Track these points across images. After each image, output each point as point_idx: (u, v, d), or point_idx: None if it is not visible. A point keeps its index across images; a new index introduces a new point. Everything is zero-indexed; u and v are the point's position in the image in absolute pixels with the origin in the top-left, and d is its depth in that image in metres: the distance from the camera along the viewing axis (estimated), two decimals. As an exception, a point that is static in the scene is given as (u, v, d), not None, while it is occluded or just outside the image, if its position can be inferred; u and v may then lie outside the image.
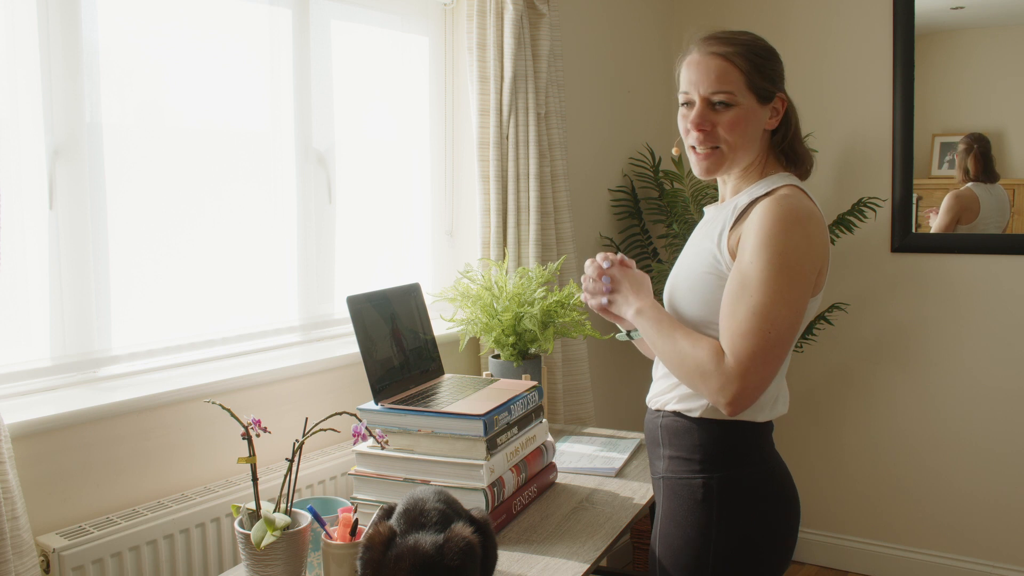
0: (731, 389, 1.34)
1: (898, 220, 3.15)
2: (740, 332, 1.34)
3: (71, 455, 1.54)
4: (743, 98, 1.45)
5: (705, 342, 1.39)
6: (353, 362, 2.03)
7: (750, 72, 1.44)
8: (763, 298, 1.33)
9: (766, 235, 1.35)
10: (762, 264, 1.34)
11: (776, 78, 1.49)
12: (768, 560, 1.47)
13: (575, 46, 2.88)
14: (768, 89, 1.46)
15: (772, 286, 1.33)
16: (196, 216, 1.91)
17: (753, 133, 1.47)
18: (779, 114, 1.49)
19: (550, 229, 2.53)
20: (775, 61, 1.49)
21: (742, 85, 1.44)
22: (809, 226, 1.38)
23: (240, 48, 1.98)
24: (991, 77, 3.01)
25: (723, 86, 1.44)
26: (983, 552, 3.12)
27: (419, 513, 1.33)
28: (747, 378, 1.33)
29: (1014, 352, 3.03)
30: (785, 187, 1.44)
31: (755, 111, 1.46)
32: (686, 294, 1.48)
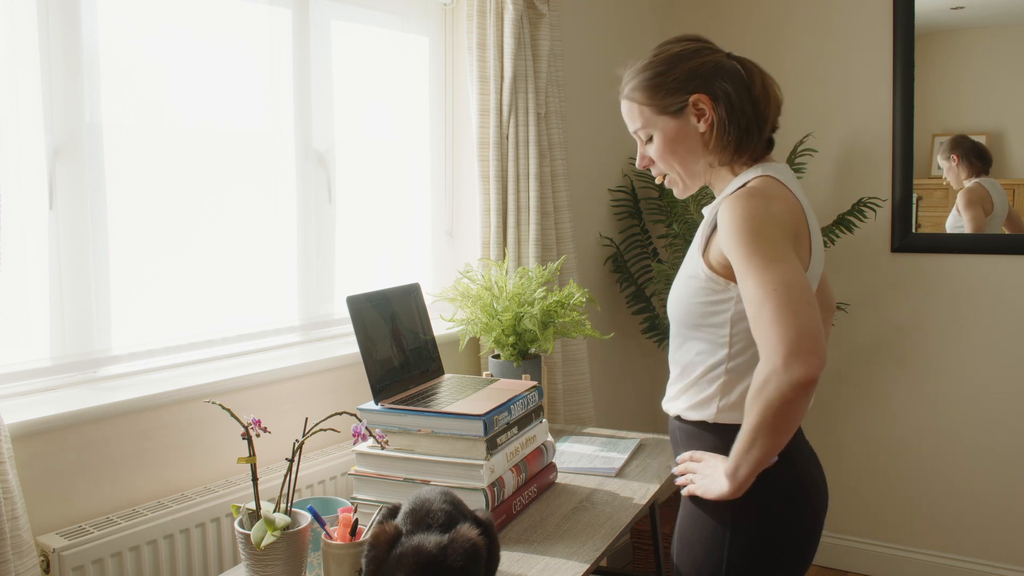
0: (790, 366, 1.23)
1: (898, 220, 3.15)
2: (755, 318, 1.29)
3: (71, 455, 1.54)
4: (656, 125, 1.47)
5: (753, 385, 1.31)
6: (353, 362, 2.03)
7: (649, 100, 1.47)
8: (756, 275, 1.30)
9: (734, 226, 1.34)
10: (741, 250, 1.32)
11: (683, 85, 1.45)
12: (783, 561, 1.44)
13: (575, 46, 2.88)
14: (674, 103, 1.45)
15: (755, 260, 1.30)
16: (196, 216, 1.91)
17: (688, 146, 1.47)
18: (705, 114, 1.45)
19: (550, 229, 2.53)
20: (677, 68, 1.45)
21: (649, 114, 1.48)
22: (765, 198, 1.37)
23: (240, 48, 1.98)
24: (991, 77, 3.01)
25: (635, 124, 1.51)
26: (983, 552, 3.12)
27: (425, 513, 1.33)
28: (790, 341, 1.24)
29: (1014, 352, 3.03)
30: (753, 179, 1.42)
31: (676, 128, 1.46)
32: (674, 297, 1.49)
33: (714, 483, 1.40)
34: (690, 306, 1.45)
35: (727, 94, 1.44)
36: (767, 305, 1.27)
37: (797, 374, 1.23)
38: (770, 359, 1.25)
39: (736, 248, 1.33)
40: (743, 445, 1.32)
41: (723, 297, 1.41)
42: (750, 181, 1.42)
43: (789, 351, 1.23)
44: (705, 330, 1.44)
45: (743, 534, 1.41)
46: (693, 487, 1.44)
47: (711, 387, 1.45)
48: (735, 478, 1.35)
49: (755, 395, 1.28)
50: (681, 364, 1.50)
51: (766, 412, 1.27)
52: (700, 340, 1.45)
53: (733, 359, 1.42)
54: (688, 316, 1.45)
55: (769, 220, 1.33)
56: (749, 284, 1.30)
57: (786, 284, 1.27)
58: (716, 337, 1.43)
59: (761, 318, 1.27)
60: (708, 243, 1.43)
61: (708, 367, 1.44)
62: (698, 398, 1.46)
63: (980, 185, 3.02)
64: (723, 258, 1.38)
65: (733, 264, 1.34)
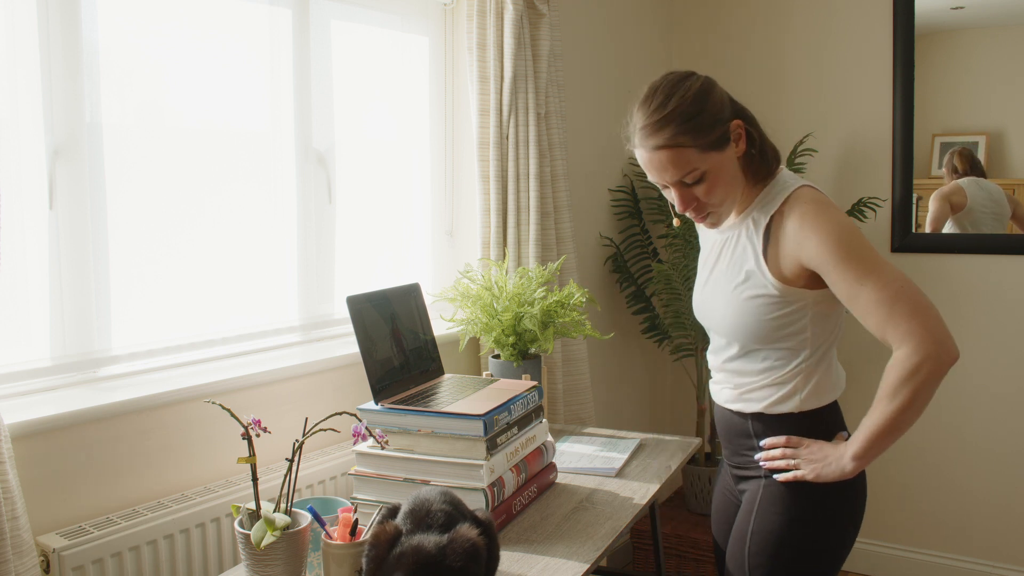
0: (936, 356, 1.36)
1: (898, 220, 3.15)
2: (888, 316, 1.38)
3: (71, 455, 1.54)
4: (706, 163, 1.45)
5: (889, 375, 1.40)
6: (353, 362, 2.03)
7: (695, 141, 1.44)
8: (869, 278, 1.39)
9: (827, 239, 1.40)
10: (848, 261, 1.40)
11: (719, 118, 1.46)
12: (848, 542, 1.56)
13: (575, 46, 2.88)
14: (718, 136, 1.46)
15: (866, 264, 1.40)
16: (196, 216, 1.91)
17: (733, 176, 1.50)
18: (742, 137, 1.49)
19: (550, 229, 2.53)
20: (707, 103, 1.45)
21: (697, 155, 1.45)
22: (832, 205, 1.47)
23: (240, 48, 1.98)
24: (991, 77, 3.01)
25: (684, 169, 1.45)
26: (983, 552, 3.12)
27: (425, 513, 1.33)
28: (936, 328, 1.37)
29: (1014, 352, 3.03)
30: (797, 188, 1.48)
31: (722, 160, 1.47)
32: (737, 319, 1.51)
33: (830, 466, 1.47)
34: (762, 324, 1.49)
35: (743, 110, 1.51)
36: (901, 302, 1.37)
37: (947, 355, 1.37)
38: (921, 347, 1.35)
39: (838, 258, 1.40)
40: (883, 428, 1.40)
41: (799, 306, 1.48)
42: (796, 190, 1.48)
43: (939, 337, 1.36)
44: (785, 340, 1.51)
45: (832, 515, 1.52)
46: (801, 472, 1.50)
47: (791, 383, 1.53)
48: (864, 459, 1.45)
49: (904, 381, 1.37)
50: (751, 372, 1.55)
51: (917, 394, 1.37)
52: (777, 349, 1.52)
53: (812, 355, 1.51)
54: (762, 334, 1.50)
55: (853, 225, 1.43)
56: (869, 288, 1.38)
57: (904, 281, 1.39)
58: (797, 343, 1.50)
59: (896, 315, 1.37)
60: (768, 257, 1.47)
61: (790, 368, 1.52)
62: (778, 395, 1.54)
63: (954, 183, 3.06)
64: (799, 268, 1.45)
65: (832, 273, 1.41)
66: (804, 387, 1.52)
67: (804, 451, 1.51)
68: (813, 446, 1.51)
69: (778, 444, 1.54)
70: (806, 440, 1.52)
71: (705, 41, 3.48)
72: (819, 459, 1.49)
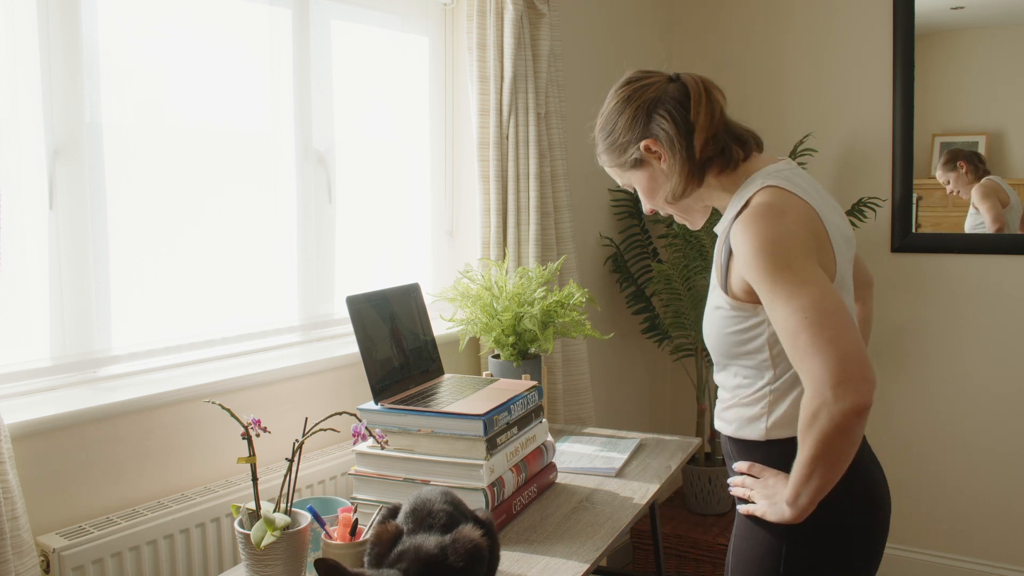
0: (840, 396, 1.19)
1: (898, 220, 3.15)
2: (792, 350, 1.25)
3: (71, 455, 1.54)
4: (631, 179, 1.52)
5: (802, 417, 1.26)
6: (353, 362, 2.03)
7: (612, 161, 1.51)
8: (783, 304, 1.25)
9: (750, 255, 1.30)
10: (764, 280, 1.28)
11: (629, 138, 1.45)
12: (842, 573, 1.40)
13: (575, 46, 2.88)
14: (632, 158, 1.47)
15: (781, 287, 1.26)
16: (196, 216, 1.91)
17: (666, 186, 1.46)
18: (659, 154, 1.44)
19: (550, 229, 2.53)
20: (618, 124, 1.47)
21: (621, 172, 1.52)
22: (778, 212, 1.32)
23: (240, 48, 1.98)
24: (991, 77, 3.01)
25: (622, 181, 1.55)
26: (983, 552, 3.12)
27: (427, 514, 1.33)
28: (834, 370, 1.19)
29: (1014, 352, 3.03)
30: (757, 192, 1.37)
31: (646, 176, 1.48)
32: (707, 330, 1.47)
33: (774, 507, 1.36)
34: (723, 337, 1.42)
35: (665, 130, 1.42)
36: (803, 335, 1.22)
37: (848, 403, 1.19)
38: (818, 391, 1.21)
39: (759, 276, 1.28)
40: (802, 476, 1.28)
41: (754, 323, 1.37)
42: (754, 196, 1.36)
43: (836, 380, 1.19)
44: (745, 358, 1.40)
45: (800, 546, 1.37)
46: (753, 507, 1.40)
47: (757, 407, 1.41)
48: (796, 506, 1.31)
49: (807, 427, 1.24)
50: (727, 387, 1.48)
51: (821, 444, 1.23)
52: (743, 367, 1.42)
53: (778, 379, 1.39)
54: (724, 347, 1.43)
55: (786, 239, 1.29)
56: (779, 314, 1.26)
57: (817, 309, 1.22)
58: (757, 362, 1.39)
59: (799, 348, 1.23)
60: (728, 271, 1.38)
61: (755, 390, 1.41)
62: (745, 417, 1.43)
63: (991, 180, 3.02)
64: (746, 284, 1.34)
65: (758, 292, 1.30)
66: (770, 414, 1.39)
67: (759, 483, 1.41)
68: (770, 480, 1.39)
69: (743, 469, 1.45)
70: (768, 471, 1.40)
71: (705, 41, 3.48)
72: (769, 496, 1.37)
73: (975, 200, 3.04)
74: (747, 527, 1.44)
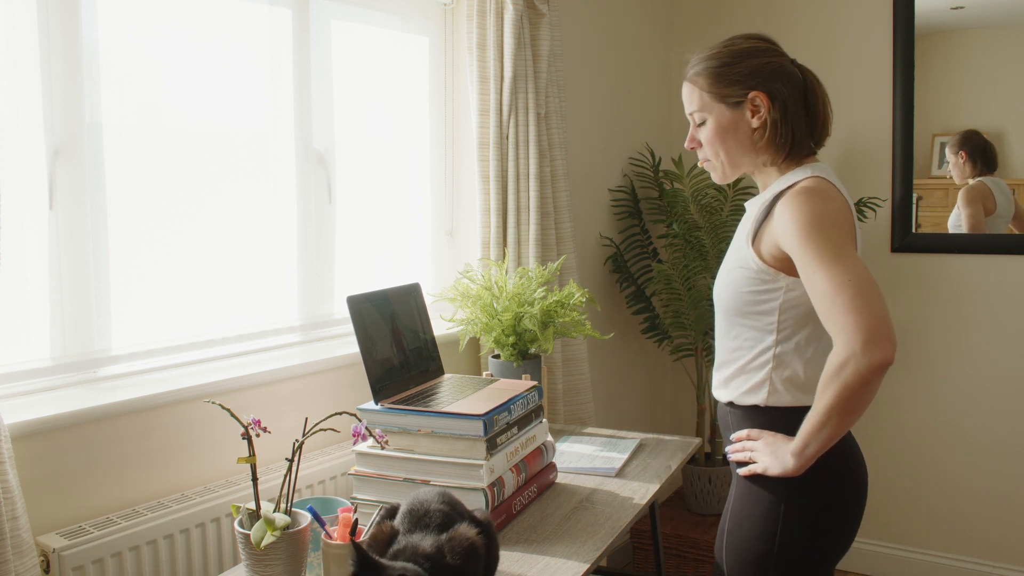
0: (869, 350, 1.30)
1: (898, 220, 3.15)
2: (829, 308, 1.35)
3: (71, 455, 1.54)
4: (712, 112, 1.54)
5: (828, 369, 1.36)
6: (353, 362, 2.03)
7: (710, 86, 1.53)
8: (822, 266, 1.35)
9: (797, 224, 1.40)
10: (808, 247, 1.38)
11: (745, 80, 1.51)
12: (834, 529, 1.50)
13: (575, 46, 2.88)
14: (732, 95, 1.51)
15: (824, 254, 1.36)
16: (196, 216, 1.91)
17: (737, 138, 1.53)
18: (760, 111, 1.51)
19: (550, 229, 2.53)
20: (743, 63, 1.51)
21: (708, 100, 1.54)
22: (827, 197, 1.44)
23: (240, 48, 1.98)
24: (991, 77, 3.01)
25: (692, 106, 1.57)
26: (982, 552, 3.12)
27: (423, 514, 1.34)
28: (868, 327, 1.31)
29: (1014, 352, 3.03)
30: (806, 179, 1.48)
31: (730, 119, 1.53)
32: (722, 287, 1.55)
33: (777, 460, 1.45)
34: (739, 295, 1.51)
35: (784, 98, 1.50)
36: (842, 295, 1.32)
37: (876, 357, 1.30)
38: (848, 344, 1.31)
39: (802, 244, 1.38)
40: (815, 425, 1.38)
41: (772, 287, 1.47)
42: (803, 180, 1.48)
43: (868, 336, 1.30)
44: (754, 318, 1.50)
45: (796, 507, 1.47)
46: (754, 466, 1.49)
47: (760, 373, 1.51)
48: (802, 456, 1.41)
49: (831, 377, 1.34)
50: (728, 349, 1.56)
51: (843, 394, 1.33)
52: (748, 327, 1.51)
53: (780, 344, 1.49)
54: (737, 304, 1.51)
55: (830, 218, 1.41)
56: (819, 277, 1.36)
57: (858, 276, 1.34)
58: (764, 324, 1.49)
59: (836, 307, 1.33)
60: (758, 235, 1.48)
61: (757, 353, 1.51)
62: (749, 384, 1.53)
63: (983, 183, 3.02)
64: (777, 251, 1.45)
65: (797, 259, 1.40)
66: (773, 380, 1.50)
67: (760, 443, 1.50)
68: (769, 439, 1.49)
69: (741, 437, 1.54)
70: (766, 433, 1.50)
71: (705, 41, 3.45)
72: (770, 452, 1.47)
73: (960, 203, 3.06)
74: (745, 489, 1.52)
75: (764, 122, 1.51)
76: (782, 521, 1.47)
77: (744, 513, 1.51)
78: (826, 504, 1.48)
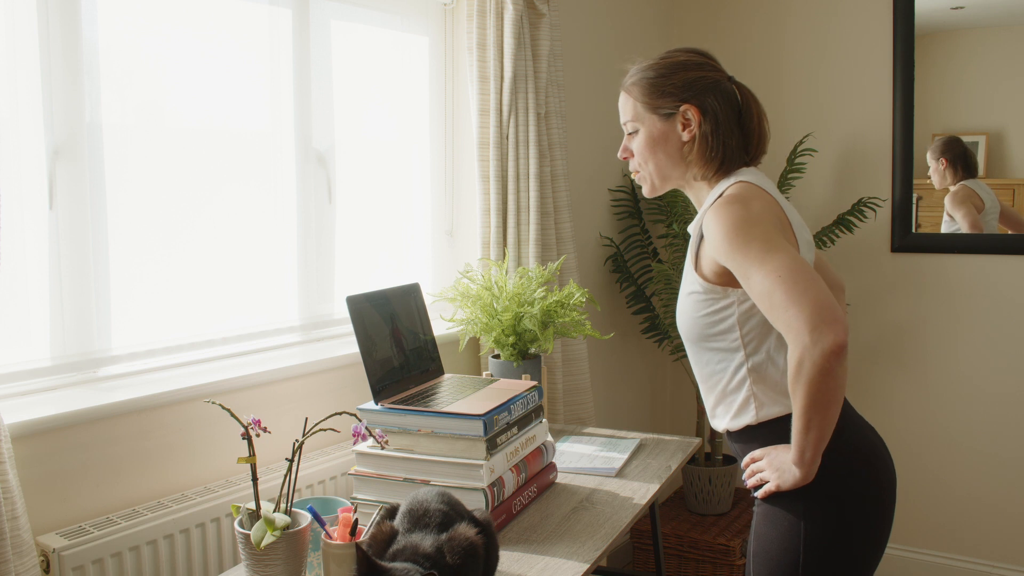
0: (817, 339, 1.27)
1: (898, 220, 3.15)
2: (770, 309, 1.33)
3: (71, 455, 1.54)
4: (644, 122, 1.55)
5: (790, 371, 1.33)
6: (353, 362, 2.03)
7: (644, 96, 1.54)
8: (757, 269, 1.34)
9: (722, 233, 1.39)
10: (737, 253, 1.37)
11: (677, 92, 1.51)
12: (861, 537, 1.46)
13: (575, 46, 2.88)
14: (665, 106, 1.52)
15: (751, 255, 1.35)
16: (196, 216, 1.91)
17: (667, 151, 1.54)
18: (691, 125, 1.51)
19: (550, 229, 2.53)
20: (676, 75, 1.52)
21: (641, 110, 1.55)
22: (747, 199, 1.43)
23: (240, 48, 1.98)
24: (991, 77, 3.01)
25: (625, 116, 1.58)
26: (982, 552, 3.12)
27: (423, 513, 1.34)
28: (809, 316, 1.28)
29: (1013, 352, 3.02)
30: (728, 188, 1.48)
31: (661, 130, 1.53)
32: (681, 316, 1.55)
33: (785, 474, 1.43)
34: (696, 320, 1.50)
35: (716, 112, 1.50)
36: (777, 292, 1.31)
37: (826, 344, 1.27)
38: (797, 340, 1.29)
39: (730, 251, 1.38)
40: (800, 429, 1.36)
41: (724, 304, 1.46)
42: (726, 190, 1.48)
43: (812, 325, 1.27)
44: (718, 339, 1.49)
45: (818, 521, 1.44)
46: (768, 486, 1.46)
47: (741, 392, 1.49)
48: (803, 462, 1.39)
49: (795, 379, 1.32)
50: (705, 376, 1.55)
51: (810, 390, 1.30)
52: (716, 350, 1.50)
53: (751, 358, 1.47)
54: (698, 330, 1.51)
55: (753, 218, 1.40)
56: (754, 279, 1.35)
57: (787, 268, 1.32)
58: (729, 343, 1.48)
59: (775, 306, 1.32)
60: (698, 256, 1.49)
61: (731, 373, 1.49)
62: (734, 407, 1.51)
63: (965, 186, 3.04)
64: (716, 266, 1.44)
65: (732, 268, 1.40)
66: (756, 394, 1.48)
67: (763, 462, 1.48)
68: (772, 455, 1.46)
69: (747, 463, 1.52)
70: (767, 449, 1.48)
71: (705, 41, 3.48)
72: (775, 469, 1.45)
73: (949, 208, 3.08)
74: (766, 512, 1.50)
75: (694, 136, 1.51)
76: (804, 537, 1.44)
77: (768, 536, 1.49)
78: (846, 512, 1.45)
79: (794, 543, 1.45)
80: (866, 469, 1.49)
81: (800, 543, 1.44)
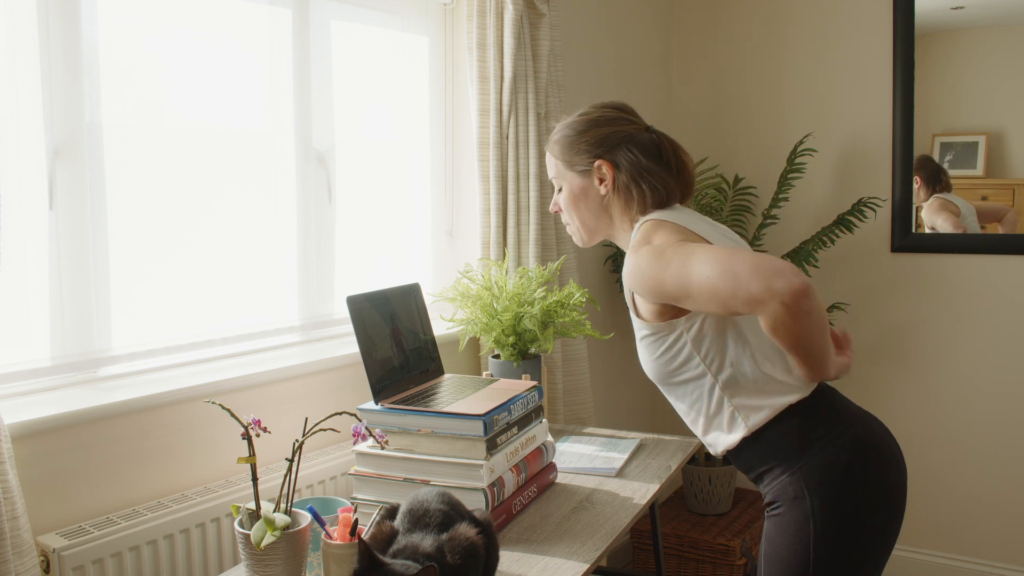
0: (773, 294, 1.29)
1: (898, 220, 3.15)
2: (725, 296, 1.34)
3: (71, 455, 1.54)
4: (566, 179, 1.62)
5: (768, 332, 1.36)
6: (353, 362, 2.03)
7: (562, 155, 1.61)
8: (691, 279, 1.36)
9: (640, 277, 1.44)
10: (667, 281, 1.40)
11: (590, 148, 1.57)
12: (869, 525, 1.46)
13: (575, 46, 2.88)
14: (580, 163, 1.58)
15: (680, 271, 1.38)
16: (196, 216, 1.91)
17: (588, 205, 1.60)
18: (606, 179, 1.56)
19: (550, 229, 2.53)
20: (589, 132, 1.58)
21: (561, 168, 1.62)
22: (650, 236, 1.49)
23: (240, 48, 1.98)
24: (991, 77, 3.01)
25: (551, 173, 1.66)
26: (982, 552, 3.12)
27: (423, 514, 1.34)
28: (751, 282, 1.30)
29: (1013, 352, 3.02)
30: (636, 232, 1.53)
31: (580, 185, 1.59)
32: (643, 362, 1.58)
33: None
34: (655, 362, 1.53)
35: (630, 164, 1.55)
36: (717, 287, 1.33)
37: (784, 295, 1.28)
38: (760, 307, 1.30)
39: (656, 285, 1.42)
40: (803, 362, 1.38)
41: (674, 338, 1.49)
42: (634, 237, 1.53)
43: (762, 287, 1.29)
44: (682, 372, 1.51)
45: (825, 516, 1.44)
46: None
47: (725, 410, 1.50)
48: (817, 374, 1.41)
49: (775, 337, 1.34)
50: (685, 410, 1.57)
51: (791, 339, 1.33)
52: (685, 383, 1.52)
53: (719, 375, 1.49)
54: (661, 371, 1.53)
55: (658, 248, 1.44)
56: (694, 291, 1.37)
57: (712, 257, 1.35)
58: (694, 372, 1.50)
59: (725, 299, 1.33)
60: (634, 301, 1.53)
61: (707, 396, 1.51)
62: (724, 427, 1.52)
63: (938, 197, 3.10)
64: (653, 305, 1.48)
65: (668, 299, 1.43)
66: (739, 407, 1.49)
67: None
68: None
69: None
70: None
71: (705, 41, 3.48)
72: None
73: (928, 219, 3.12)
74: (775, 512, 1.50)
75: (610, 189, 1.56)
76: (814, 536, 1.44)
77: (778, 540, 1.49)
78: (853, 515, 1.45)
79: (804, 542, 1.45)
80: (870, 458, 1.48)
81: (809, 543, 1.44)
